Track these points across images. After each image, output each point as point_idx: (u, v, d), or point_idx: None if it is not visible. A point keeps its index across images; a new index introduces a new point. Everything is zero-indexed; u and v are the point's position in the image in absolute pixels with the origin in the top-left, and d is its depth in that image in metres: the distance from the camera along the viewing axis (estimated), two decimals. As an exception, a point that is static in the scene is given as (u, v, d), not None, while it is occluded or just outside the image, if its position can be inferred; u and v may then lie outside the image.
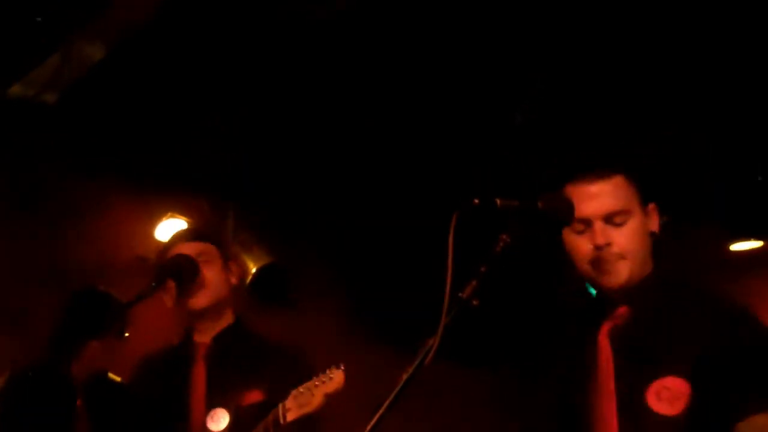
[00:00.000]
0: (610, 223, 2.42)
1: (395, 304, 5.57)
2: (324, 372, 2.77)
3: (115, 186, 5.07)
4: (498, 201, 2.14)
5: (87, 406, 4.17)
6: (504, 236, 2.17)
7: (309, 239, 5.59)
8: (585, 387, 2.43)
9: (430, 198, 4.71)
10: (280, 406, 2.80)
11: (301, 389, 2.78)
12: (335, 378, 2.73)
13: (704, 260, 5.45)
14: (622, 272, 2.41)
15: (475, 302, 2.07)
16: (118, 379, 4.28)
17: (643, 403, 2.28)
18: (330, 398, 2.74)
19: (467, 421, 5.99)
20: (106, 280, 4.42)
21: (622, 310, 2.45)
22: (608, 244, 2.40)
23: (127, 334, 4.20)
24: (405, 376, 1.96)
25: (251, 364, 3.13)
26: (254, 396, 3.06)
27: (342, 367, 2.74)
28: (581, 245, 2.45)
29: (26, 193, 4.99)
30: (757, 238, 5.84)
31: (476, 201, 2.11)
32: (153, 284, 3.09)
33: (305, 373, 2.94)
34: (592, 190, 2.45)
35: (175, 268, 3.17)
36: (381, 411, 1.92)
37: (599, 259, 2.41)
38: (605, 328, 2.46)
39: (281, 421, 2.79)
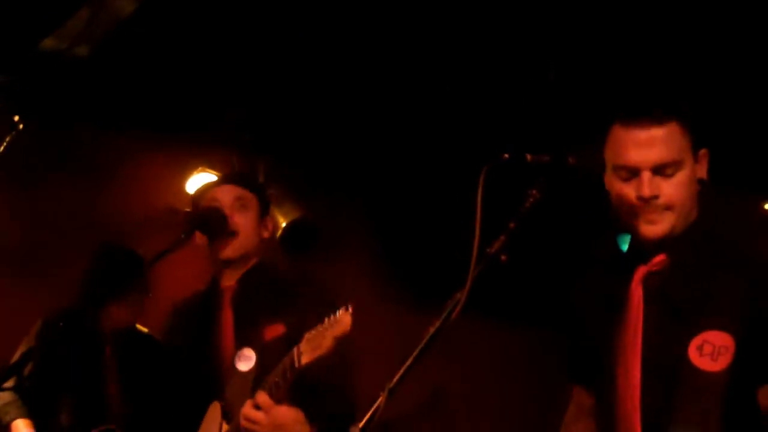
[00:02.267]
0: (659, 174, 2.26)
1: (425, 259, 5.58)
2: (334, 314, 2.73)
3: (146, 140, 5.10)
4: (528, 156, 2.12)
5: (115, 354, 4.24)
6: (533, 191, 2.15)
7: (339, 194, 5.60)
8: (612, 336, 2.34)
9: (461, 153, 4.69)
10: (295, 349, 2.78)
11: (313, 332, 2.75)
12: (342, 320, 2.68)
13: (738, 219, 5.40)
14: (665, 223, 2.27)
15: (503, 258, 2.06)
16: (146, 330, 4.35)
17: (684, 356, 2.17)
18: (339, 341, 2.69)
19: (496, 375, 6.02)
20: (138, 233, 4.48)
21: (660, 257, 2.31)
22: (655, 197, 2.26)
23: (150, 293, 4.28)
24: (432, 330, 1.96)
25: (274, 299, 3.13)
26: (276, 330, 3.06)
27: (349, 309, 2.68)
28: (626, 193, 2.29)
29: (59, 148, 5.04)
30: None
31: (506, 156, 2.09)
32: (182, 236, 3.09)
33: (326, 306, 2.86)
34: (643, 137, 2.26)
35: (204, 221, 3.17)
36: (407, 364, 1.92)
37: (643, 210, 2.27)
38: (639, 275, 2.33)
39: (296, 364, 2.77)
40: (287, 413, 2.86)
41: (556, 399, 2.68)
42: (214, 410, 3.07)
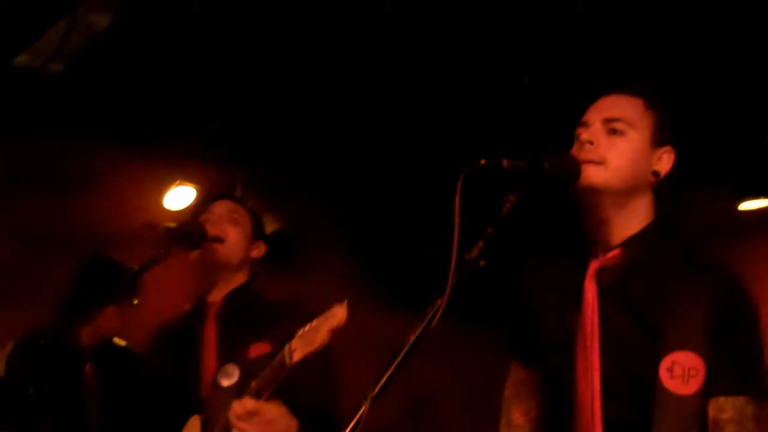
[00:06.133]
0: (607, 128, 2.29)
1: (403, 266, 5.60)
2: (327, 309, 2.74)
3: (123, 155, 5.09)
4: (505, 161, 2.14)
5: (95, 371, 4.22)
6: (511, 197, 2.16)
7: (317, 205, 5.61)
8: (568, 330, 2.32)
9: (439, 158, 4.71)
10: (287, 347, 2.76)
11: (306, 328, 2.75)
12: (338, 313, 2.67)
13: (712, 219, 5.45)
14: (598, 176, 2.26)
15: (482, 263, 2.07)
16: (124, 343, 4.33)
17: (656, 377, 2.13)
18: (334, 333, 2.67)
19: (481, 380, 6.03)
20: (116, 248, 4.47)
21: (614, 252, 2.31)
22: (592, 143, 2.28)
23: (136, 301, 4.26)
24: (413, 337, 1.96)
25: (260, 321, 3.14)
26: (262, 348, 3.07)
27: (344, 303, 2.70)
28: (574, 150, 2.32)
29: (35, 164, 5.01)
30: (765, 197, 5.83)
31: (483, 161, 2.10)
32: (161, 251, 3.10)
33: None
34: (605, 101, 2.35)
35: (183, 235, 3.18)
36: (389, 372, 1.92)
37: (583, 157, 2.28)
38: (592, 269, 2.32)
39: (287, 361, 2.75)
40: (276, 409, 2.85)
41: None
42: (194, 423, 3.07)
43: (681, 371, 2.14)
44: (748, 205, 5.97)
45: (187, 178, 5.29)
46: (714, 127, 4.91)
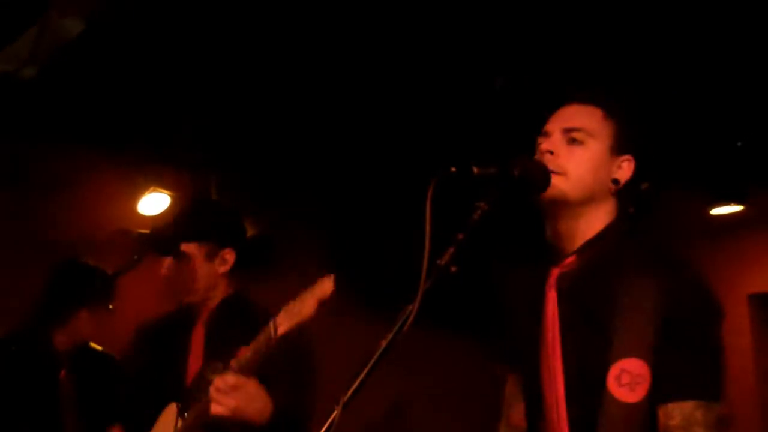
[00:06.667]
0: (567, 138, 2.31)
1: (377, 270, 5.60)
2: (313, 282, 2.72)
3: (96, 160, 5.08)
4: (475, 168, 2.15)
5: (71, 376, 4.20)
6: (481, 203, 2.16)
7: (292, 208, 5.61)
8: (533, 337, 2.34)
9: (410, 163, 4.72)
10: (271, 322, 2.75)
11: (291, 303, 2.72)
12: (325, 284, 2.67)
13: (684, 224, 5.49)
14: (557, 187, 2.27)
15: (453, 269, 2.08)
16: (100, 348, 4.31)
17: (603, 386, 2.14)
18: (321, 304, 2.67)
19: (452, 385, 6.05)
20: (89, 254, 4.44)
21: (570, 259, 2.32)
22: (552, 153, 2.29)
23: (112, 306, 4.24)
24: (384, 343, 1.97)
25: (247, 329, 3.14)
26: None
27: (331, 275, 2.69)
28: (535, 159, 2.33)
29: (7, 168, 4.99)
30: (737, 203, 5.88)
31: (453, 168, 2.11)
32: (135, 257, 3.09)
33: (296, 350, 2.95)
34: (565, 111, 2.37)
35: (156, 241, 3.17)
36: (360, 378, 1.93)
37: None
38: (553, 276, 2.34)
39: (272, 334, 2.73)
40: (256, 386, 2.85)
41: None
42: (170, 410, 3.07)
43: (629, 379, 2.14)
44: (720, 211, 6.03)
45: (162, 183, 5.27)
46: (686, 134, 4.95)
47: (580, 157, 2.31)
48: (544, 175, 2.28)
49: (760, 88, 4.69)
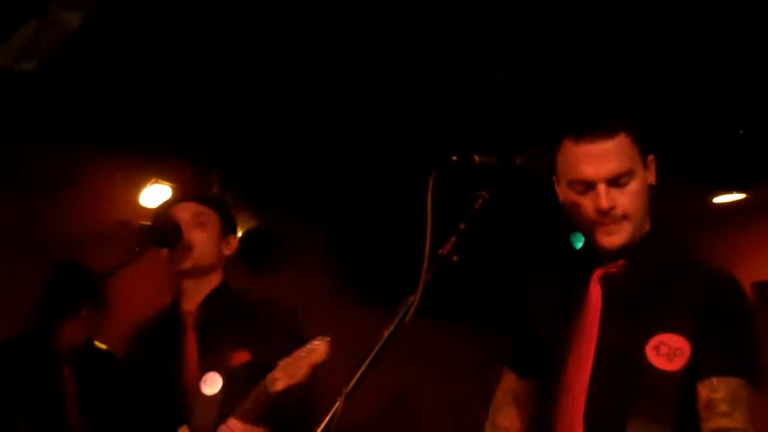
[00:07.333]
0: (613, 185, 2.32)
1: (378, 261, 5.61)
2: (310, 343, 2.83)
3: (98, 153, 5.07)
4: (476, 157, 2.14)
5: (73, 374, 4.19)
6: (483, 193, 2.17)
7: (293, 202, 5.61)
8: (566, 330, 2.39)
9: (412, 155, 4.72)
10: (269, 376, 2.86)
11: (288, 359, 2.84)
12: (319, 349, 2.80)
13: (687, 213, 5.49)
14: (624, 233, 2.34)
15: (454, 259, 2.08)
16: (104, 346, 4.31)
17: (641, 354, 2.24)
18: (315, 369, 2.81)
19: (454, 376, 6.05)
20: (91, 247, 4.44)
21: (619, 262, 2.39)
22: (613, 208, 2.32)
23: (108, 306, 4.24)
24: (386, 334, 1.97)
25: (238, 326, 3.15)
26: (241, 356, 3.08)
27: (327, 339, 2.80)
28: (583, 206, 2.34)
29: (8, 164, 4.98)
30: (739, 191, 5.88)
31: (454, 158, 2.11)
32: (136, 250, 3.08)
33: (290, 333, 3.00)
34: (595, 151, 2.30)
35: (159, 234, 3.16)
36: (362, 368, 1.93)
37: (602, 221, 2.33)
38: (596, 275, 2.41)
39: (270, 390, 2.86)
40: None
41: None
42: None
43: (667, 350, 2.23)
44: (722, 199, 6.03)
45: (163, 176, 5.26)
46: (689, 123, 4.95)
47: (634, 198, 2.35)
48: (547, 164, 2.30)
49: (761, 77, 4.69)
